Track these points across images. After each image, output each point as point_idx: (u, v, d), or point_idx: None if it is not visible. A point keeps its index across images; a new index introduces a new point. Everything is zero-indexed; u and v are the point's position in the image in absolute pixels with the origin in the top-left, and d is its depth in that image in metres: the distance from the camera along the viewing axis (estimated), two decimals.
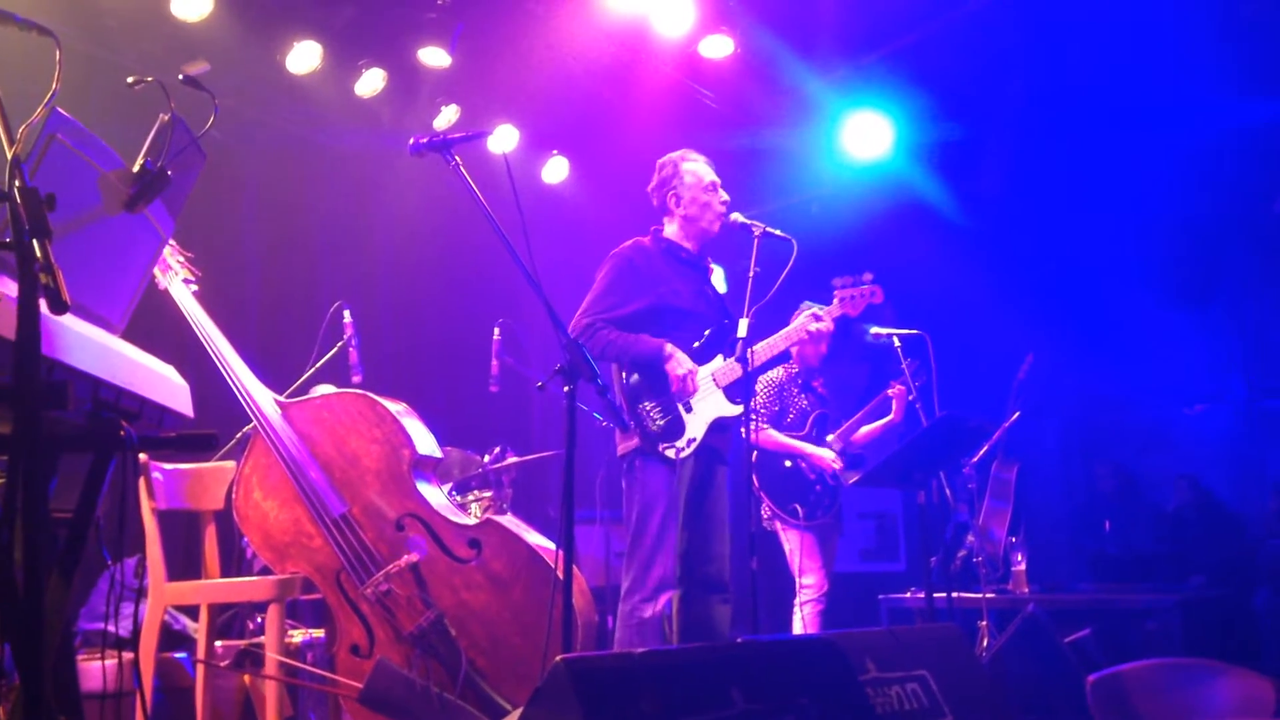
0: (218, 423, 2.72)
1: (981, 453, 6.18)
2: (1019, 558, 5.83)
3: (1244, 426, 7.22)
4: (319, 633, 4.21)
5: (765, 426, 5.45)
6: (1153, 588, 5.84)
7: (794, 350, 5.60)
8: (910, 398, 5.33)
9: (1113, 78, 6.51)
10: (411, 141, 3.21)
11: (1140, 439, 7.62)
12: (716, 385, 4.06)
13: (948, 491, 5.77)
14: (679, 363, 3.96)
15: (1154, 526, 7.19)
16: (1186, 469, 7.17)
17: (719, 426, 4.04)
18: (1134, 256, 7.27)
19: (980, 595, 5.41)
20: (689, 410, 4.00)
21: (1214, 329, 7.39)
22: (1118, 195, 7.20)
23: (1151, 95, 6.59)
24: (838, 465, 5.45)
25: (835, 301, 4.37)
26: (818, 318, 4.30)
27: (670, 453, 3.94)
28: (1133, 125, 6.83)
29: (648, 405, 3.99)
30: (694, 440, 3.97)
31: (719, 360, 4.09)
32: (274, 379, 4.00)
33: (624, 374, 4.05)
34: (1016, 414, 6.37)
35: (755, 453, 5.38)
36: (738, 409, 3.98)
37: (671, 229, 4.27)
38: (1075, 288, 7.58)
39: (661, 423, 3.97)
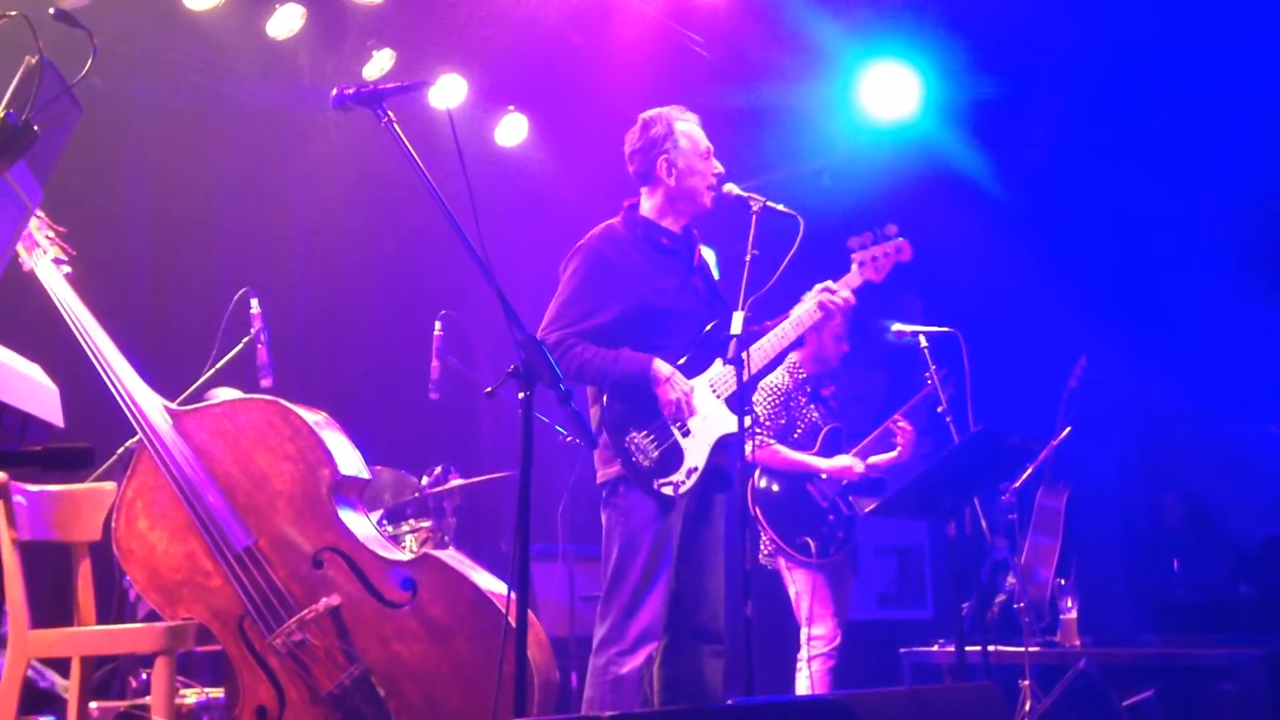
0: (94, 434, 2.69)
1: (1025, 476, 6.22)
2: (1069, 603, 5.87)
3: None
4: (217, 692, 4.19)
5: (770, 441, 5.45)
6: (1230, 640, 5.89)
7: (797, 355, 5.60)
8: (939, 409, 5.34)
9: (1182, 22, 6.53)
10: (335, 93, 3.20)
11: (1215, 461, 7.67)
12: (716, 397, 4.05)
13: (983, 523, 5.78)
14: (672, 385, 3.92)
15: (1232, 566, 7.25)
16: (1268, 498, 7.22)
17: (721, 445, 4.04)
18: (1207, 240, 7.31)
19: (1022, 649, 5.43)
20: (686, 434, 3.96)
21: None
22: (1188, 166, 7.22)
23: (1228, 43, 6.61)
24: (859, 469, 5.47)
25: (854, 268, 4.27)
26: (833, 291, 4.18)
27: (668, 490, 3.91)
28: (1206, 81, 6.85)
29: (636, 436, 3.94)
30: (696, 470, 3.95)
31: (718, 365, 4.06)
32: (165, 382, 3.98)
33: (604, 399, 4.02)
34: (1067, 430, 6.40)
35: (760, 474, 5.44)
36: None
37: (651, 204, 4.23)
38: (1137, 278, 7.62)
39: (655, 455, 3.92)
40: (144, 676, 4.42)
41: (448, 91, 6.91)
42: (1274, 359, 7.35)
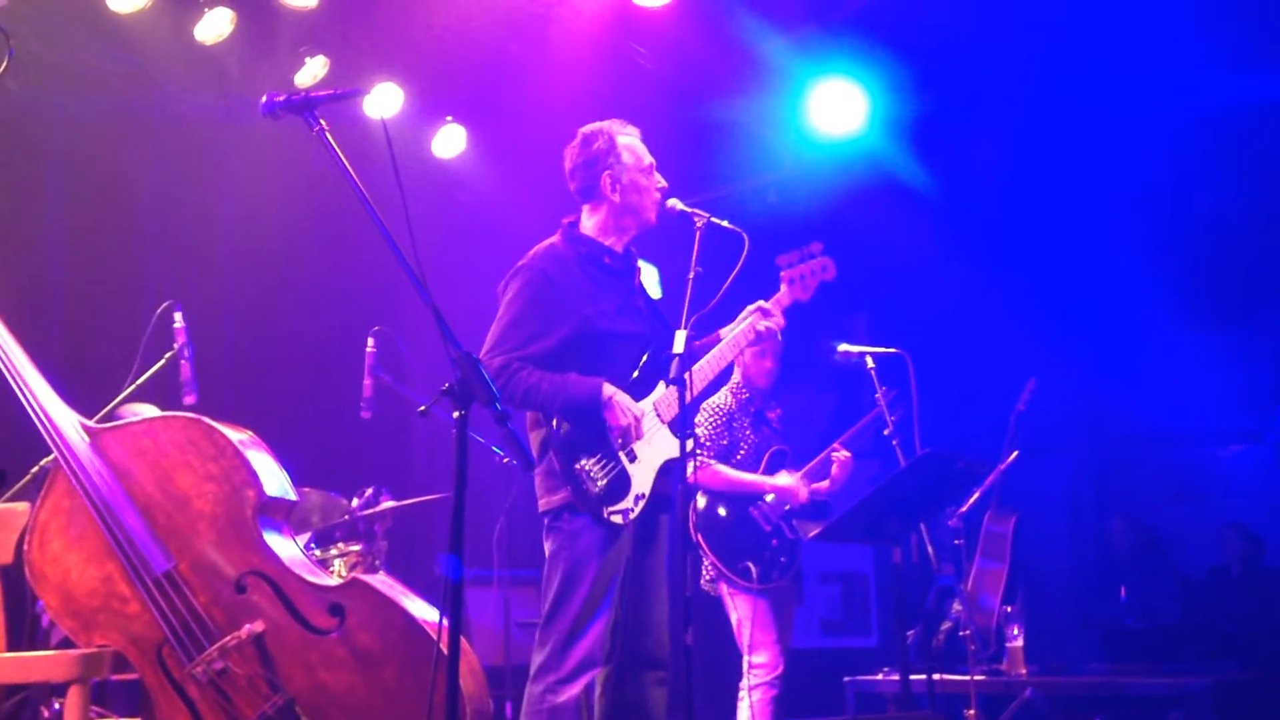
0: (7, 454, 2.66)
1: (972, 500, 6.27)
2: (1015, 631, 5.92)
3: None
4: None
5: (711, 462, 5.47)
6: (1179, 669, 5.96)
7: (739, 376, 5.65)
8: (886, 432, 5.38)
9: (1129, 42, 6.63)
10: (265, 100, 3.18)
11: (1165, 486, 7.79)
12: (661, 420, 4.06)
13: (930, 548, 5.82)
14: (623, 410, 3.94)
15: (1181, 593, 7.34)
16: (1218, 524, 7.33)
17: (664, 470, 4.06)
18: (1156, 262, 7.43)
19: (968, 678, 5.48)
20: (633, 459, 3.99)
21: (1251, 353, 7.58)
22: (1136, 187, 7.35)
23: (1174, 65, 6.72)
24: (804, 494, 5.50)
25: (783, 288, 4.38)
26: (765, 312, 4.28)
27: (618, 518, 3.92)
28: (1152, 101, 6.97)
29: (585, 463, 3.94)
30: (643, 496, 3.97)
31: (661, 388, 4.10)
32: (82, 398, 3.92)
33: (554, 423, 4.01)
34: (1015, 453, 6.47)
35: (702, 497, 5.45)
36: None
37: (593, 221, 4.22)
38: (1086, 300, 7.73)
39: (604, 483, 3.93)
40: (56, 706, 4.35)
41: (383, 100, 6.89)
42: (1224, 383, 7.48)
